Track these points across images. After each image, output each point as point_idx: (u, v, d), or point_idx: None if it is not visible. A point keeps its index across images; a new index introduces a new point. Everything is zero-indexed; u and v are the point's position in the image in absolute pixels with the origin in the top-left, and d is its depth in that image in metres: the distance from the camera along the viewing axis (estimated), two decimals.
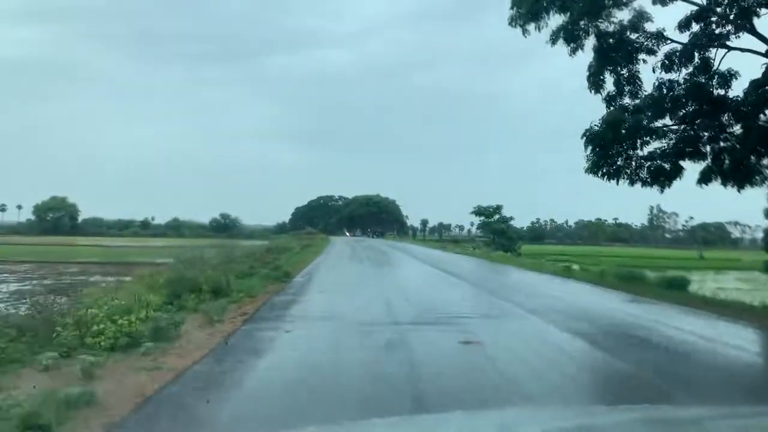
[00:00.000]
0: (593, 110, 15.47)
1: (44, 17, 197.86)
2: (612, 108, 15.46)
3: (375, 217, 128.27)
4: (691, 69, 14.85)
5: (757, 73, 13.96)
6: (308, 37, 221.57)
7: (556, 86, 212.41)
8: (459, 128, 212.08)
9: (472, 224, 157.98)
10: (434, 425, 2.14)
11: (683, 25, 14.85)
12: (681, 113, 15.03)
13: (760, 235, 54.96)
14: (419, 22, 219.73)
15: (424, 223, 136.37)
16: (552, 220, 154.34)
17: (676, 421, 2.12)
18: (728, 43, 14.57)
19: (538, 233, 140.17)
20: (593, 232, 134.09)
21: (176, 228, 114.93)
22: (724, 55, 14.67)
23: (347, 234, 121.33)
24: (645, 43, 15.25)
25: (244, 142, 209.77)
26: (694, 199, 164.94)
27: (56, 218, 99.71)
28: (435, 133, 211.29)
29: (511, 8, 15.28)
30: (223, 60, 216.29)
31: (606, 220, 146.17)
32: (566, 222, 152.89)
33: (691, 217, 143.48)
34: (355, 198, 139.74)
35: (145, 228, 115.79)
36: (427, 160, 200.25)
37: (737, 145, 14.34)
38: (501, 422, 2.03)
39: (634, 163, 15.19)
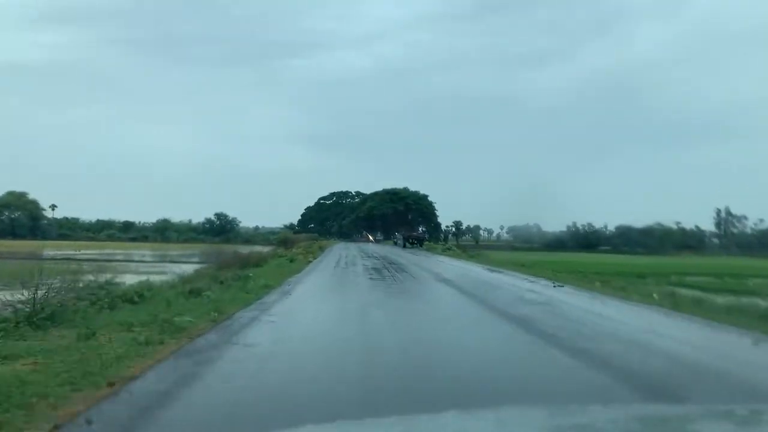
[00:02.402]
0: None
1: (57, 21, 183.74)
2: None
3: (401, 216, 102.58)
4: None
5: None
6: (324, 39, 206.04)
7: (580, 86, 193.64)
8: (477, 129, 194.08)
9: (501, 228, 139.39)
10: (431, 424, 2.14)
11: None
12: None
13: None
14: (437, 24, 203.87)
15: (457, 225, 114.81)
16: (590, 224, 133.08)
17: (673, 420, 2.12)
18: None
19: (586, 239, 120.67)
20: (660, 238, 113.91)
21: (162, 230, 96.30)
22: None
23: (370, 239, 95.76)
24: None
25: (259, 144, 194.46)
26: (761, 199, 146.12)
27: (12, 218, 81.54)
28: (454, 135, 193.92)
29: None
30: (237, 63, 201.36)
31: (660, 224, 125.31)
32: (605, 226, 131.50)
33: (761, 220, 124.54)
34: (375, 193, 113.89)
35: (125, 230, 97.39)
36: (447, 161, 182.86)
37: None
38: (497, 421, 2.05)
39: None
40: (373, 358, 7.72)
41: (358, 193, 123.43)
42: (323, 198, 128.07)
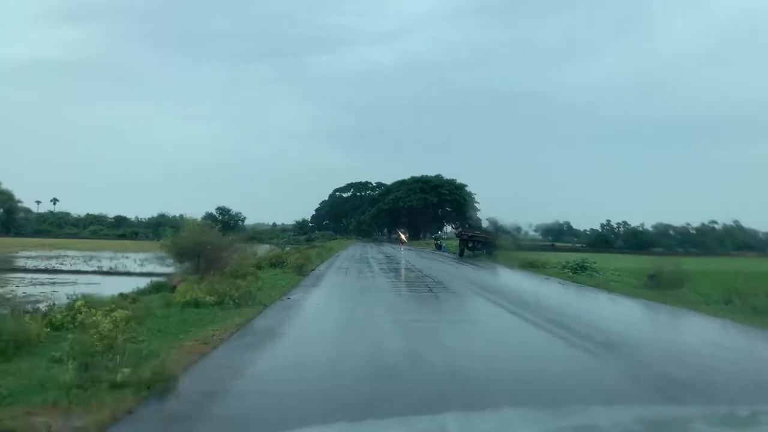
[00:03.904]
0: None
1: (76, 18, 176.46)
2: None
3: (432, 210, 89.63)
4: None
5: None
6: (347, 35, 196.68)
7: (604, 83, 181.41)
8: (501, 126, 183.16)
9: (529, 225, 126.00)
10: (431, 425, 2.09)
11: None
12: None
13: None
14: (461, 19, 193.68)
15: (494, 222, 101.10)
16: (625, 222, 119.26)
17: (674, 421, 2.11)
18: None
19: (635, 238, 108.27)
20: (721, 238, 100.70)
21: (155, 226, 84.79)
22: None
23: (403, 239, 75.66)
24: None
25: (280, 141, 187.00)
26: None
27: None
28: (478, 132, 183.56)
29: None
30: (259, 59, 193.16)
31: (716, 223, 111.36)
32: (642, 225, 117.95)
33: None
34: (401, 182, 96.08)
35: (117, 226, 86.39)
36: (470, 158, 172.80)
37: None
38: (500, 422, 2.03)
39: None
40: None
41: (379, 184, 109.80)
42: (339, 190, 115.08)
